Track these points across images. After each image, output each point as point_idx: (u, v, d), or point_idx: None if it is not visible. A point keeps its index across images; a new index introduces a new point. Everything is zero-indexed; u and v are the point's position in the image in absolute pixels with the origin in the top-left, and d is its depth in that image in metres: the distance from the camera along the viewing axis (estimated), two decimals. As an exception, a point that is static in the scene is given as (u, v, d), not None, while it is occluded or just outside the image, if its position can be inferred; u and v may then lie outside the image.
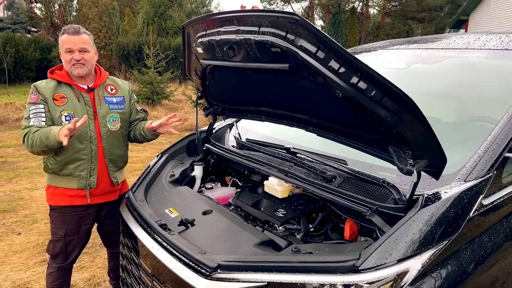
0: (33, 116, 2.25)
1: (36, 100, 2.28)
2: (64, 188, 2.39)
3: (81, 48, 2.30)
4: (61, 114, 2.30)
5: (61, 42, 2.31)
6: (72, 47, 2.28)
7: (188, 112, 12.61)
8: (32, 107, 2.27)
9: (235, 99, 2.45)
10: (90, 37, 2.37)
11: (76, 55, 2.29)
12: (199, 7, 31.25)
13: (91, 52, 2.36)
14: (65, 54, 2.30)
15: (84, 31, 2.33)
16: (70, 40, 2.28)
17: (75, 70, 2.31)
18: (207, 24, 2.04)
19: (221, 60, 2.09)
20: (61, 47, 2.32)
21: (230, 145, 2.78)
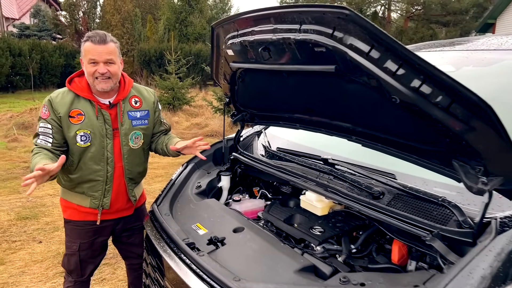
0: (41, 134, 2.03)
1: (46, 118, 2.04)
2: (76, 205, 2.22)
3: (107, 59, 2.00)
4: (76, 133, 2.06)
5: (84, 50, 2.01)
6: (97, 58, 1.98)
7: (208, 117, 12.52)
8: (42, 124, 2.04)
9: (266, 105, 2.27)
10: (116, 45, 2.06)
11: (101, 68, 1.99)
12: (219, 13, 31.39)
13: (117, 63, 2.06)
14: (88, 65, 2.01)
15: (111, 38, 2.03)
16: (95, 50, 1.98)
17: (99, 85, 2.03)
18: (240, 23, 1.87)
19: (254, 62, 1.92)
20: (83, 55, 2.02)
21: (259, 154, 2.59)
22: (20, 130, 9.32)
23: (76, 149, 2.10)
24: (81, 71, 2.17)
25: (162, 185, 5.94)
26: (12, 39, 19.55)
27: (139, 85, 2.39)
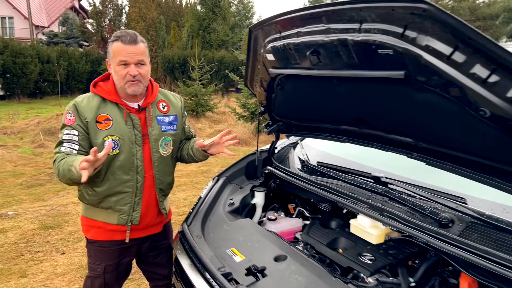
0: (65, 141, 1.86)
1: (71, 124, 1.88)
2: (102, 222, 2.03)
3: (138, 60, 1.84)
4: (104, 140, 1.88)
5: (113, 51, 1.84)
6: (128, 59, 1.82)
7: (231, 124, 12.39)
8: (66, 131, 1.88)
9: (308, 114, 2.05)
10: (146, 45, 1.90)
11: (133, 69, 1.83)
12: (242, 20, 31.47)
13: (148, 65, 1.91)
14: (118, 68, 1.84)
15: (141, 39, 1.88)
16: (126, 51, 1.81)
17: (130, 88, 1.87)
18: (283, 24, 1.66)
19: (299, 68, 1.70)
20: (112, 57, 1.85)
21: (296, 168, 2.37)
22: (47, 136, 9.39)
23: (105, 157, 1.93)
24: (106, 75, 2.00)
25: (186, 194, 5.78)
26: (41, 47, 20.06)
27: (165, 90, 2.22)
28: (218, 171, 7.56)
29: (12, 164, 7.37)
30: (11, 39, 18.90)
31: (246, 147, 9.69)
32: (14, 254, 3.74)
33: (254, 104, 10.52)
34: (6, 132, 10.22)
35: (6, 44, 17.54)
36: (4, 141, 9.10)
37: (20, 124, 11.22)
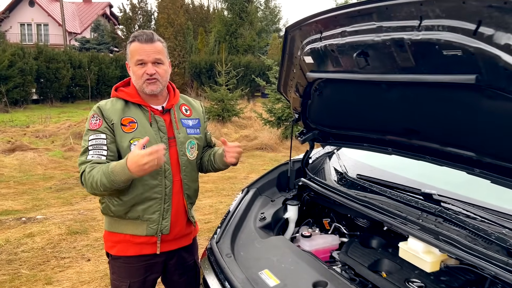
0: (92, 148, 1.76)
1: (98, 127, 1.78)
2: (130, 235, 1.90)
3: (156, 59, 1.81)
4: (130, 143, 1.80)
5: (130, 51, 1.81)
6: (145, 58, 1.79)
7: (257, 130, 12.26)
8: (91, 136, 1.77)
9: (348, 122, 1.87)
10: (164, 45, 1.86)
11: (150, 68, 1.79)
12: (269, 25, 31.45)
13: (166, 64, 1.87)
14: (136, 67, 1.80)
15: (158, 38, 1.83)
16: (143, 49, 1.78)
17: (148, 87, 1.81)
18: (325, 23, 1.50)
19: (342, 71, 1.54)
20: (130, 58, 1.82)
21: (333, 180, 2.19)
22: (77, 140, 9.54)
23: None
24: (127, 80, 1.93)
25: (212, 201, 5.67)
26: (73, 52, 20.65)
27: (185, 95, 2.15)
28: (244, 177, 7.46)
29: (43, 167, 7.50)
30: (45, 45, 19.56)
31: (273, 153, 9.53)
32: (41, 260, 3.72)
33: (281, 109, 10.35)
34: (39, 136, 10.47)
35: (41, 50, 18.15)
36: (36, 144, 9.30)
37: (52, 128, 11.48)
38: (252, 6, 25.94)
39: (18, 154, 8.08)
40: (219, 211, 5.21)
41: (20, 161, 7.68)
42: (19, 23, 33.46)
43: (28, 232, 4.29)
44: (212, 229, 4.69)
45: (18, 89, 16.67)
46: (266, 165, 8.16)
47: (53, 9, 32.70)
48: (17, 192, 5.94)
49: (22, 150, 8.42)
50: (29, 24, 33.76)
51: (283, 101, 10.33)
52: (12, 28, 31.72)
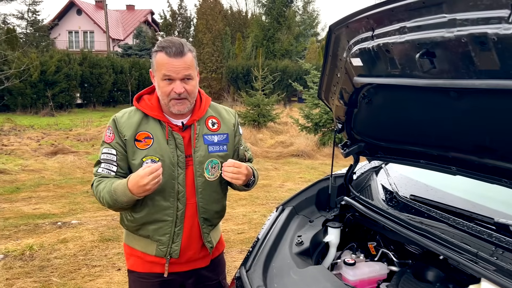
0: (103, 162, 1.69)
1: (110, 141, 1.68)
2: (141, 252, 1.78)
3: (185, 76, 1.61)
4: (142, 160, 1.66)
5: (156, 64, 1.62)
6: (173, 75, 1.59)
7: (293, 135, 11.99)
8: (104, 149, 1.69)
9: (402, 135, 1.60)
10: (193, 54, 1.67)
11: (178, 86, 1.60)
12: (307, 29, 31.08)
13: (195, 78, 1.67)
14: (162, 83, 1.62)
15: (189, 48, 1.63)
16: (171, 65, 1.58)
17: (175, 107, 1.64)
18: (379, 18, 1.25)
19: (397, 76, 1.28)
20: (156, 69, 1.63)
21: (380, 200, 1.92)
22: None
23: None
24: (152, 87, 1.77)
25: (246, 210, 5.48)
26: (115, 58, 21.32)
27: (218, 104, 1.93)
28: (279, 185, 7.22)
29: (82, 170, 7.64)
30: (90, 51, 20.31)
31: (309, 160, 9.23)
32: (72, 267, 3.67)
33: (319, 115, 10.04)
34: (80, 139, 10.77)
35: (85, 56, 18.87)
36: (77, 148, 9.55)
37: (93, 131, 11.80)
38: (290, 11, 25.74)
39: (60, 157, 8.30)
40: (253, 221, 5.01)
41: (60, 164, 7.87)
42: (67, 31, 35.21)
43: (62, 237, 4.28)
44: (245, 240, 4.50)
45: (63, 94, 17.39)
46: (302, 173, 7.88)
47: (98, 17, 34.12)
48: (55, 195, 6.04)
49: (63, 153, 8.65)
50: (76, 32, 35.44)
51: (321, 106, 10.01)
52: (61, 35, 33.38)
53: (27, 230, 4.52)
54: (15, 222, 4.78)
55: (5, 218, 4.92)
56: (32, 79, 15.92)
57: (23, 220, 4.83)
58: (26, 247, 3.95)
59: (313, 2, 36.83)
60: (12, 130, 11.81)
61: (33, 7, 29.03)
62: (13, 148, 9.09)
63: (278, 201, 5.96)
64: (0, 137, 10.43)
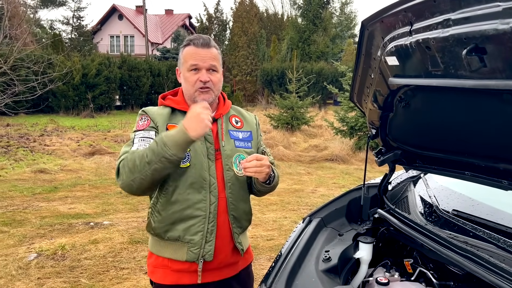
0: (138, 142, 1.61)
1: (146, 127, 1.64)
2: (168, 259, 1.67)
3: (211, 65, 1.65)
4: None
5: (184, 56, 1.66)
6: (200, 63, 1.63)
7: (328, 139, 11.73)
8: (139, 134, 1.63)
9: (446, 143, 1.43)
10: (219, 52, 1.72)
11: (204, 75, 1.63)
12: (344, 30, 30.51)
13: (220, 73, 1.71)
14: (188, 73, 1.65)
15: (215, 44, 1.69)
16: (198, 54, 1.63)
17: (200, 96, 1.65)
18: (418, 11, 1.10)
19: (441, 76, 1.12)
20: (182, 62, 1.67)
21: (418, 214, 1.74)
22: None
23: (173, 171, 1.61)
24: (175, 90, 1.79)
25: (276, 215, 5.35)
26: (153, 61, 21.86)
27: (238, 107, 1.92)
28: (312, 191, 7.01)
29: (117, 171, 7.80)
30: (129, 55, 20.95)
31: (344, 165, 8.95)
32: (101, 269, 3.69)
33: (354, 118, 9.74)
34: (117, 140, 11.06)
35: (125, 59, 19.47)
36: (114, 149, 9.79)
37: (130, 133, 12.08)
38: (326, 12, 25.37)
39: (97, 158, 8.53)
40: (283, 228, 4.87)
41: (97, 164, 8.08)
42: (109, 35, 36.59)
43: (93, 238, 4.34)
44: (274, 247, 4.36)
45: (103, 96, 18.00)
46: (336, 178, 7.63)
47: (138, 21, 35.19)
48: (90, 195, 6.18)
49: (100, 154, 8.89)
50: (118, 36, 36.75)
51: (357, 110, 9.70)
52: (103, 39, 34.76)
53: (61, 229, 4.62)
54: (51, 221, 4.90)
55: (42, 217, 5.07)
56: (74, 82, 16.59)
57: (58, 220, 4.96)
58: (58, 246, 4.03)
59: (351, 3, 36.07)
60: (55, 131, 12.33)
61: (78, 13, 30.42)
62: (54, 148, 9.46)
63: (310, 207, 5.78)
64: (43, 138, 10.92)
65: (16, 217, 5.04)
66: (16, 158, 8.45)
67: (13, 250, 3.99)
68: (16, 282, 3.36)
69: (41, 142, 10.20)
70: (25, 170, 7.41)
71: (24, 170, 7.45)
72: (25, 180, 6.89)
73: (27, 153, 8.99)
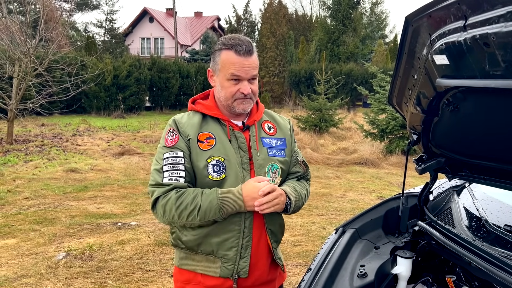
0: (167, 169, 1.51)
1: (174, 144, 1.53)
2: (202, 275, 1.57)
3: (253, 76, 1.53)
4: (207, 162, 1.52)
5: (222, 61, 1.51)
6: (242, 75, 1.50)
7: (357, 142, 11.44)
8: (166, 154, 1.52)
9: (501, 152, 1.28)
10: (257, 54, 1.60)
11: (245, 87, 1.51)
12: (374, 31, 29.87)
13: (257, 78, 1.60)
14: (228, 83, 1.52)
15: (254, 48, 1.56)
16: (241, 64, 1.49)
17: (240, 106, 1.54)
18: (475, 3, 0.97)
19: (501, 77, 0.98)
20: (220, 68, 1.52)
21: (464, 227, 1.58)
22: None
23: (208, 184, 1.52)
24: (206, 93, 1.67)
25: (304, 220, 5.21)
26: (182, 63, 22.12)
27: (271, 111, 1.79)
28: (341, 195, 6.82)
29: (145, 172, 7.87)
30: (159, 57, 21.29)
31: (374, 169, 8.68)
32: (127, 270, 3.68)
33: (385, 121, 9.44)
34: (146, 141, 11.22)
35: (154, 61, 19.81)
36: (143, 149, 9.92)
37: (159, 133, 12.24)
38: (356, 13, 24.90)
39: (126, 158, 8.66)
40: (311, 233, 4.73)
41: (126, 164, 8.20)
42: (140, 37, 37.43)
43: (120, 239, 4.35)
44: (301, 253, 4.24)
45: (133, 97, 18.37)
46: (366, 183, 7.40)
47: (169, 24, 35.83)
48: (119, 195, 6.25)
49: (129, 154, 9.02)
50: (148, 38, 37.54)
51: (388, 112, 9.40)
52: (134, 42, 35.58)
53: (89, 229, 4.68)
54: (80, 220, 4.98)
55: (72, 216, 5.16)
56: (105, 83, 17.01)
57: (87, 219, 5.02)
58: (86, 246, 4.06)
59: (382, 3, 35.30)
60: (86, 131, 12.66)
61: (111, 16, 31.29)
62: (85, 148, 9.69)
63: (339, 212, 5.61)
64: (76, 137, 11.21)
65: (47, 215, 5.15)
66: (49, 157, 8.70)
67: (43, 249, 4.06)
68: (44, 281, 3.39)
69: (73, 142, 10.48)
70: (58, 169, 7.60)
71: (57, 169, 7.64)
72: (57, 179, 7.06)
73: (59, 152, 9.25)
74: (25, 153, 8.99)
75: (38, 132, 12.00)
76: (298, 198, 1.60)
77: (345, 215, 5.45)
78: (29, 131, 12.07)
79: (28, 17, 10.62)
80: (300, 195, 1.62)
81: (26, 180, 6.89)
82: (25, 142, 10.14)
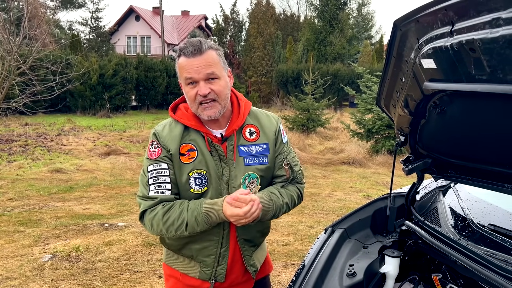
0: (153, 182, 1.50)
1: (157, 156, 1.51)
2: (181, 273, 1.64)
3: (207, 75, 1.44)
4: (189, 176, 1.50)
5: (178, 68, 1.48)
6: (194, 75, 1.43)
7: (344, 142, 11.55)
8: (150, 166, 1.51)
9: (486, 153, 1.31)
10: (218, 52, 1.49)
11: (202, 88, 1.43)
12: (360, 32, 30.16)
13: (223, 77, 1.49)
14: (187, 88, 1.46)
15: (210, 45, 1.45)
16: (190, 65, 1.42)
17: (204, 112, 1.47)
18: (461, 9, 1.00)
19: (486, 81, 1.01)
20: (179, 75, 1.49)
21: (449, 226, 1.62)
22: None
23: (190, 196, 1.54)
24: None
25: (292, 219, 5.24)
26: (169, 62, 21.95)
27: (259, 109, 1.71)
28: (328, 194, 6.87)
29: (132, 172, 7.80)
30: (145, 56, 21.10)
31: (361, 169, 8.78)
32: (115, 272, 3.64)
33: (371, 121, 9.55)
34: (132, 141, 11.11)
35: (141, 60, 19.61)
36: (129, 149, 9.83)
37: (146, 133, 12.13)
38: (343, 13, 25.10)
39: (112, 158, 8.57)
40: (299, 232, 4.77)
41: (112, 165, 8.11)
42: (126, 36, 36.98)
43: (107, 239, 4.31)
44: (290, 253, 4.26)
45: (119, 96, 18.15)
46: (353, 182, 7.48)
47: (155, 22, 35.50)
48: (105, 196, 6.18)
49: (116, 154, 8.93)
50: (134, 37, 37.12)
51: (374, 112, 9.52)
52: (120, 40, 35.15)
53: (76, 230, 4.62)
54: (66, 221, 4.91)
55: (58, 217, 5.08)
56: (91, 82, 16.77)
57: (73, 220, 4.96)
58: (73, 247, 4.01)
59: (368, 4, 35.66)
60: (72, 131, 12.46)
61: (96, 14, 30.84)
62: (70, 148, 9.55)
63: (326, 211, 5.66)
64: (61, 137, 11.04)
65: (32, 217, 5.06)
66: (33, 157, 8.55)
67: (28, 251, 3.99)
68: (30, 283, 3.34)
69: (58, 142, 10.31)
70: (42, 170, 7.47)
71: (41, 169, 7.52)
72: (41, 180, 6.94)
73: (44, 152, 9.09)
74: (9, 153, 8.81)
75: (21, 131, 11.77)
76: (270, 207, 1.54)
77: (332, 214, 5.50)
78: (12, 131, 11.82)
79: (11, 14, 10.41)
80: (274, 204, 1.55)
81: (10, 181, 6.76)
82: (8, 142, 9.94)
